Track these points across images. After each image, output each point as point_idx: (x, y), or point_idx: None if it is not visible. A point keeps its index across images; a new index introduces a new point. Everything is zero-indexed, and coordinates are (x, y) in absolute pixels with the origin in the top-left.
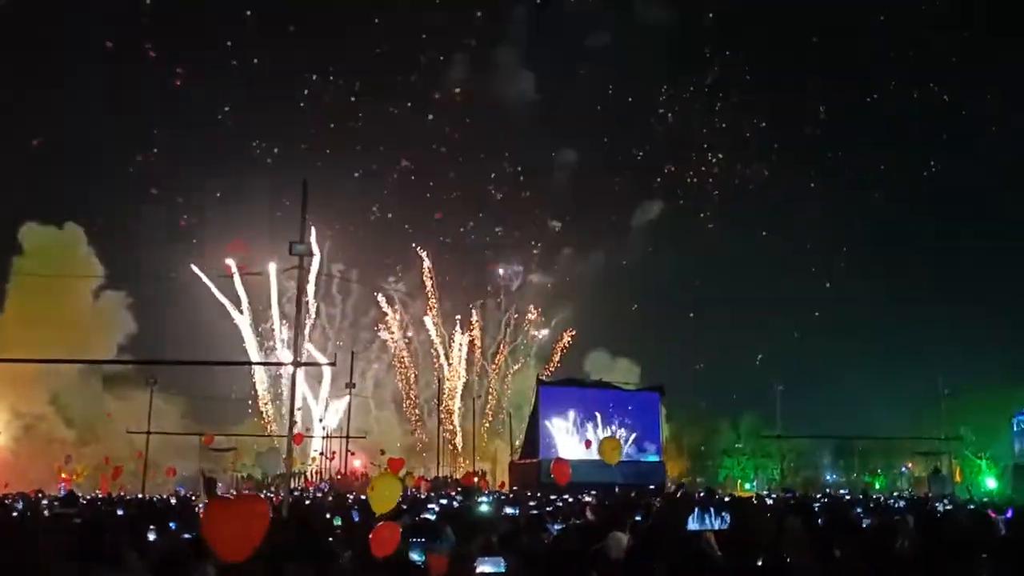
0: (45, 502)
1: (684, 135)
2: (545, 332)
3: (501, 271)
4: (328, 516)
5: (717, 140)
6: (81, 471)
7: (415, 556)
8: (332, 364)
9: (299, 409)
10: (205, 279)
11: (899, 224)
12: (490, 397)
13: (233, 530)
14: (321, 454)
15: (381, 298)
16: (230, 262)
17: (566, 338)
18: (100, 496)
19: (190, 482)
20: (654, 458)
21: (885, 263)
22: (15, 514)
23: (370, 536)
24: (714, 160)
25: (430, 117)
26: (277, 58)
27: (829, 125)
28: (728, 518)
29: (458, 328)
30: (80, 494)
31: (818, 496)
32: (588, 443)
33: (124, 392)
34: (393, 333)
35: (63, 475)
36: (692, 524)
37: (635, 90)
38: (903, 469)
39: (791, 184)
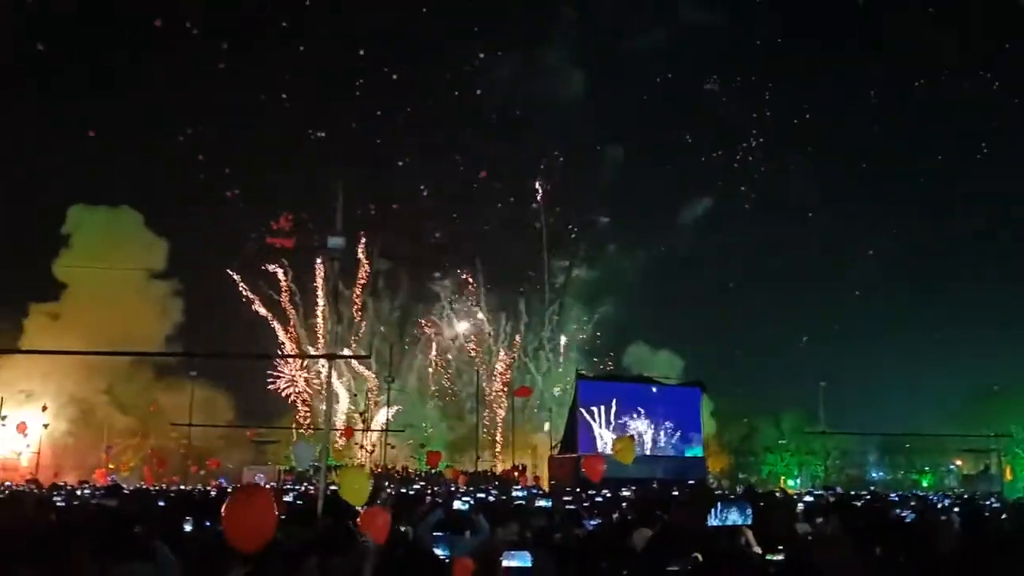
0: (87, 492)
1: (731, 127)
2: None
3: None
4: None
5: (763, 130)
6: (127, 461)
7: (440, 551)
8: (367, 357)
9: (357, 399)
10: (244, 289)
11: (949, 217)
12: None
13: (247, 523)
14: (361, 447)
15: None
16: (276, 270)
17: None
18: (143, 487)
19: (233, 473)
20: (696, 453)
21: (933, 256)
22: (60, 504)
23: (357, 522)
24: (758, 146)
25: (478, 95)
26: (327, 47)
27: (879, 110)
28: (750, 513)
29: (503, 321)
30: (124, 486)
31: (862, 494)
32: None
33: (175, 382)
34: (437, 335)
35: (110, 465)
36: (713, 520)
37: (682, 85)
38: (951, 467)
39: (835, 177)
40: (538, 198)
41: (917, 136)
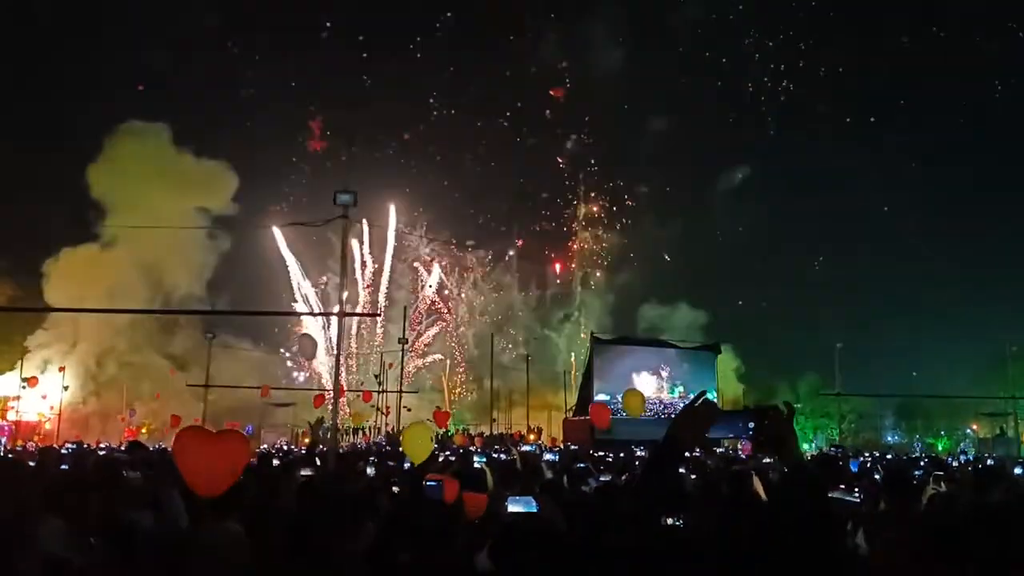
0: (103, 450)
1: (764, 96)
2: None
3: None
4: (361, 464)
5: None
6: (148, 423)
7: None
8: (377, 315)
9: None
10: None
11: (965, 180)
12: (555, 355)
13: (210, 463)
14: (376, 408)
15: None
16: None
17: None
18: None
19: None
20: None
21: (950, 218)
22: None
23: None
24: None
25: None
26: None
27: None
28: (752, 427)
29: (532, 288)
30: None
31: (874, 455)
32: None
33: (223, 340)
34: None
35: (131, 427)
36: (716, 432)
37: (720, 56)
38: (967, 431)
39: (858, 142)
40: (580, 177)
41: (942, 95)
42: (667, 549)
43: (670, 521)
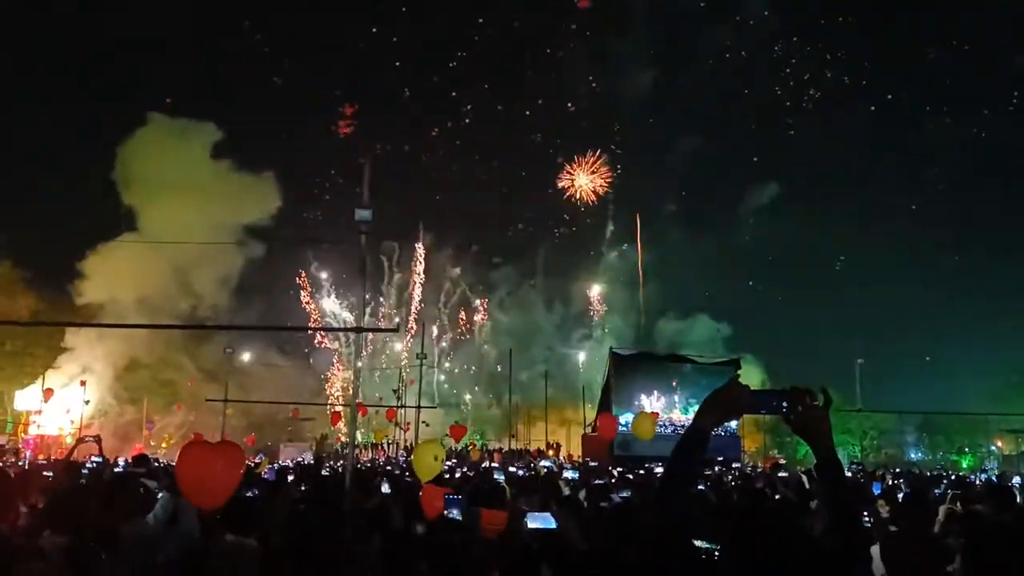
0: (123, 461)
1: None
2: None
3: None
4: (377, 479)
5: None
6: (168, 438)
7: (453, 513)
8: (394, 331)
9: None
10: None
11: (990, 194)
12: (576, 371)
13: (207, 476)
14: (396, 424)
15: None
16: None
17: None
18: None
19: (271, 450)
20: (729, 431)
21: (971, 235)
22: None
23: (420, 496)
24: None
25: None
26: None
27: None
28: (785, 406)
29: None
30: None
31: (897, 471)
32: (655, 415)
33: (264, 357)
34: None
35: (151, 442)
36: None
37: (747, 79)
38: (991, 448)
39: (886, 159)
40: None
41: (967, 106)
42: (685, 564)
43: (700, 544)
